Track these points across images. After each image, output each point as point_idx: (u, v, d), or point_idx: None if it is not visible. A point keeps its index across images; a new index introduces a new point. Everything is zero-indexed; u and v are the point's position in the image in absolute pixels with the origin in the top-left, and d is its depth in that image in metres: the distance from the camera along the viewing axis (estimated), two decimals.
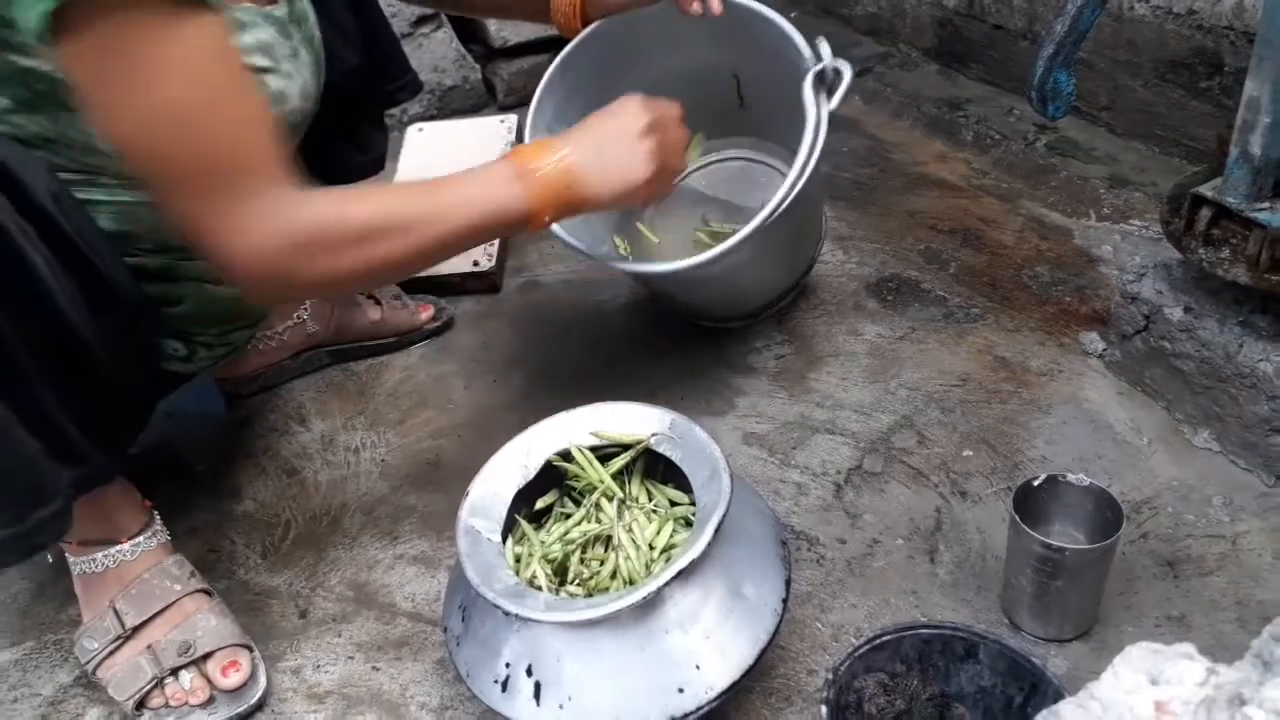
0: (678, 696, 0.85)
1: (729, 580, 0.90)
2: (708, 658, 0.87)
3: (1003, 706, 0.87)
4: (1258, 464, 1.12)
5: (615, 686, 0.86)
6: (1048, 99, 1.17)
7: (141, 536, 1.04)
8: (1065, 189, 1.67)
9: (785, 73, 1.20)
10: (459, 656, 0.94)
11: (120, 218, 0.95)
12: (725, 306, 1.42)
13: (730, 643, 0.88)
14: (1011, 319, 1.41)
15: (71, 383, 0.89)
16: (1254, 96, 1.01)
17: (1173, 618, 1.00)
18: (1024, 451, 1.20)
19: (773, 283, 1.38)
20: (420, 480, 1.27)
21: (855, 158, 1.86)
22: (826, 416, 1.29)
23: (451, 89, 2.22)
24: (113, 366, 0.92)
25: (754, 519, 0.98)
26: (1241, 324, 1.12)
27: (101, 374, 0.92)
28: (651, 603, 0.85)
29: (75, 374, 0.90)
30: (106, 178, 0.93)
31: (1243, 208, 1.06)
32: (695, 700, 0.85)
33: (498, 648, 0.91)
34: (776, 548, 0.96)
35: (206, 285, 1.05)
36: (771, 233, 1.16)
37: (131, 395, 1.01)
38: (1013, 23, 1.91)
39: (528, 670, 0.88)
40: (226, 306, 1.08)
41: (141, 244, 0.99)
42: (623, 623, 0.86)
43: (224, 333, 1.11)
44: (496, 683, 0.89)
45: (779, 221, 1.15)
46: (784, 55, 1.22)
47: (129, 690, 0.99)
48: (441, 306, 1.53)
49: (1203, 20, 1.56)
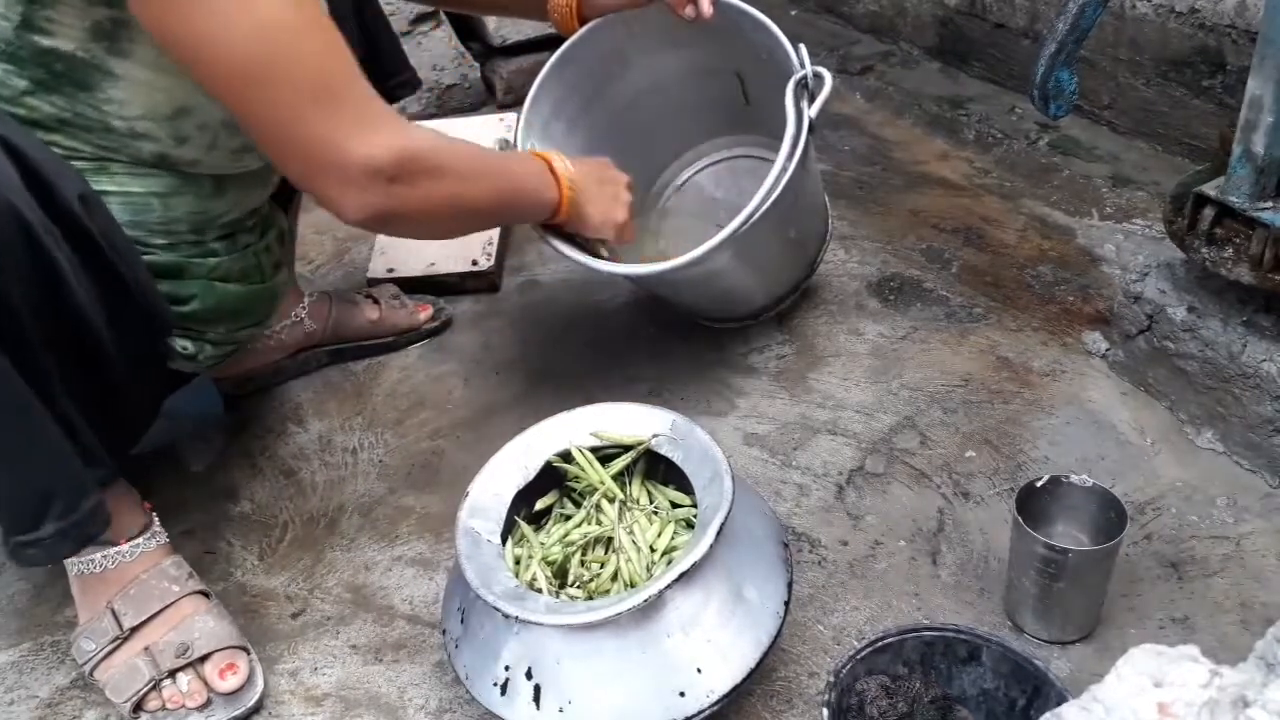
0: (679, 700, 0.85)
1: (731, 583, 0.89)
2: (709, 661, 0.86)
3: (1005, 709, 0.87)
4: (1262, 465, 1.12)
5: (616, 690, 0.86)
6: (1050, 98, 1.16)
7: (140, 537, 1.04)
8: (1067, 188, 1.67)
9: (783, 72, 1.20)
10: (458, 659, 0.93)
11: (131, 210, 0.96)
12: (721, 307, 1.41)
13: (732, 645, 0.87)
14: (1014, 319, 1.40)
15: (85, 382, 0.90)
16: (1256, 95, 1.00)
17: (1176, 619, 0.99)
18: (1027, 452, 1.19)
19: (766, 285, 1.38)
20: (418, 481, 1.27)
21: (856, 156, 1.86)
22: (828, 417, 1.28)
23: (450, 88, 2.21)
24: (126, 367, 0.93)
25: (756, 521, 0.97)
26: (1245, 324, 1.11)
27: (114, 374, 0.92)
28: (653, 606, 0.85)
29: (89, 374, 0.90)
30: (119, 164, 0.94)
31: (1246, 207, 1.05)
32: (697, 704, 0.85)
33: (497, 650, 0.90)
34: (778, 549, 0.95)
35: (215, 283, 1.06)
36: (754, 238, 1.16)
37: (140, 395, 1.01)
38: (1014, 21, 1.91)
39: (527, 673, 0.88)
40: (235, 304, 1.09)
41: (153, 240, 1.00)
42: (623, 626, 0.85)
43: (231, 330, 1.12)
44: (496, 685, 0.89)
45: (762, 227, 1.16)
46: (777, 56, 1.22)
47: (126, 692, 0.98)
48: (440, 306, 1.52)
49: (1205, 19, 1.56)
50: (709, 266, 1.17)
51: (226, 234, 1.09)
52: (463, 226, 1.13)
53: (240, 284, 1.10)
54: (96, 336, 0.89)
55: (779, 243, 1.31)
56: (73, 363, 0.88)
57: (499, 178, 1.07)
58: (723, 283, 1.29)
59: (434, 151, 0.96)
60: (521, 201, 1.11)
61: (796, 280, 1.42)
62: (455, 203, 1.00)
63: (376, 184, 0.90)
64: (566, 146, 1.30)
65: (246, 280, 1.11)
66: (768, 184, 1.14)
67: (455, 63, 2.20)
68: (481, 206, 1.05)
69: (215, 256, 1.06)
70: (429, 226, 1.03)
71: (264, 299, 1.16)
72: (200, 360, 1.09)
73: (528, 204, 1.12)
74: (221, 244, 1.08)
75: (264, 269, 1.14)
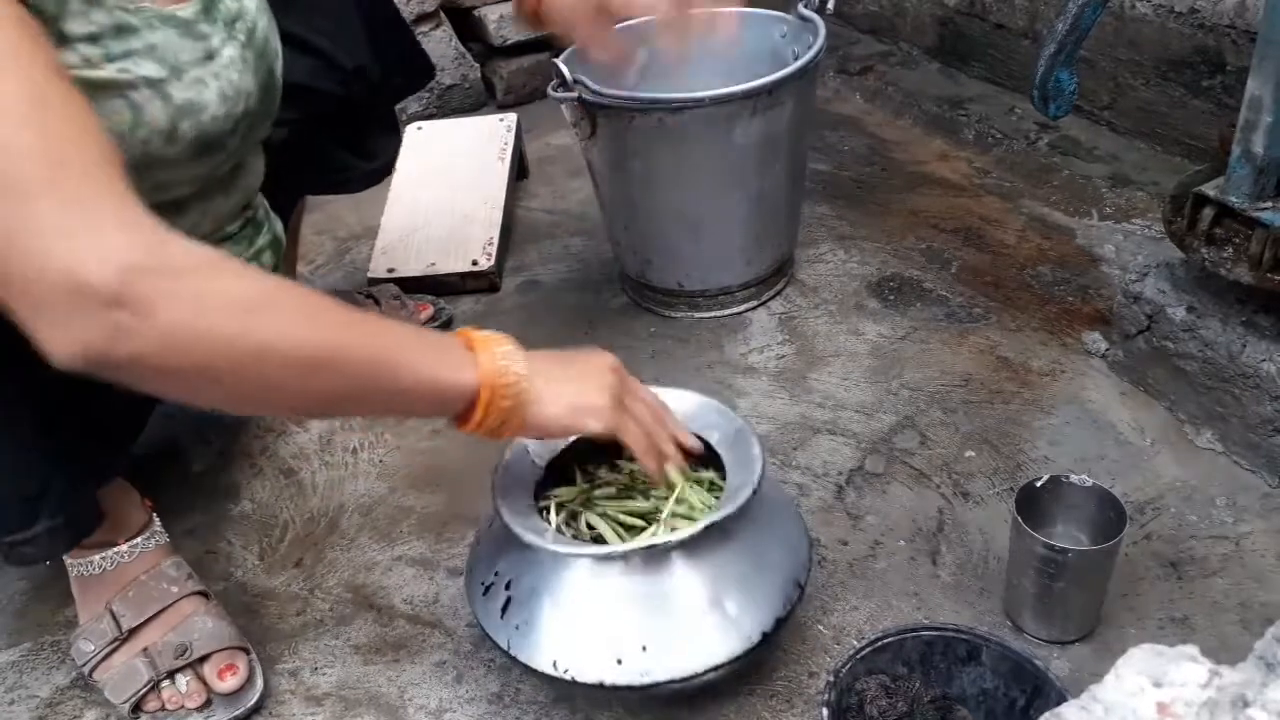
0: (613, 666, 0.85)
1: (712, 589, 0.88)
2: (656, 644, 0.86)
3: (1005, 709, 0.87)
4: (1261, 465, 1.12)
5: (566, 631, 0.87)
6: (1049, 98, 1.17)
7: (140, 538, 1.04)
8: (1067, 188, 1.67)
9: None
10: (471, 555, 0.98)
11: None
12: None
13: (684, 640, 0.86)
14: (1014, 319, 1.40)
15: (77, 383, 0.89)
16: (1256, 95, 1.00)
17: (1176, 619, 0.99)
18: (1026, 452, 1.19)
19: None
20: (418, 481, 1.27)
21: (856, 156, 1.86)
22: (828, 417, 1.28)
23: (451, 88, 2.21)
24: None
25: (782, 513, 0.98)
26: (1244, 324, 1.11)
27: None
28: (614, 562, 0.87)
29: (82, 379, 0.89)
30: None
31: (1245, 207, 1.05)
32: (626, 677, 0.85)
33: (496, 556, 0.93)
34: (785, 579, 0.92)
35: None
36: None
37: (133, 394, 1.00)
38: (1014, 21, 1.91)
39: (507, 584, 0.91)
40: None
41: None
42: (593, 572, 0.87)
43: None
44: (483, 585, 0.93)
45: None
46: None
47: (125, 693, 0.98)
48: (440, 306, 1.52)
49: (1204, 19, 1.56)
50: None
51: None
52: (264, 399, 0.73)
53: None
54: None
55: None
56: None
57: (341, 332, 0.71)
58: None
59: (201, 270, 0.66)
60: (394, 378, 0.74)
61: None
62: (235, 354, 0.66)
63: (86, 309, 0.61)
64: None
65: None
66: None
67: (455, 63, 2.21)
68: (296, 367, 0.69)
69: None
70: (197, 386, 0.68)
71: None
72: None
73: (408, 383, 0.75)
74: None
75: None
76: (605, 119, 1.31)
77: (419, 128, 1.92)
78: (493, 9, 2.20)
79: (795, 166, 1.42)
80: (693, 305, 1.48)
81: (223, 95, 0.91)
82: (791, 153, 1.38)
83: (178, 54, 0.86)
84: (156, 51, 0.84)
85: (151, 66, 0.84)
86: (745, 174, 1.35)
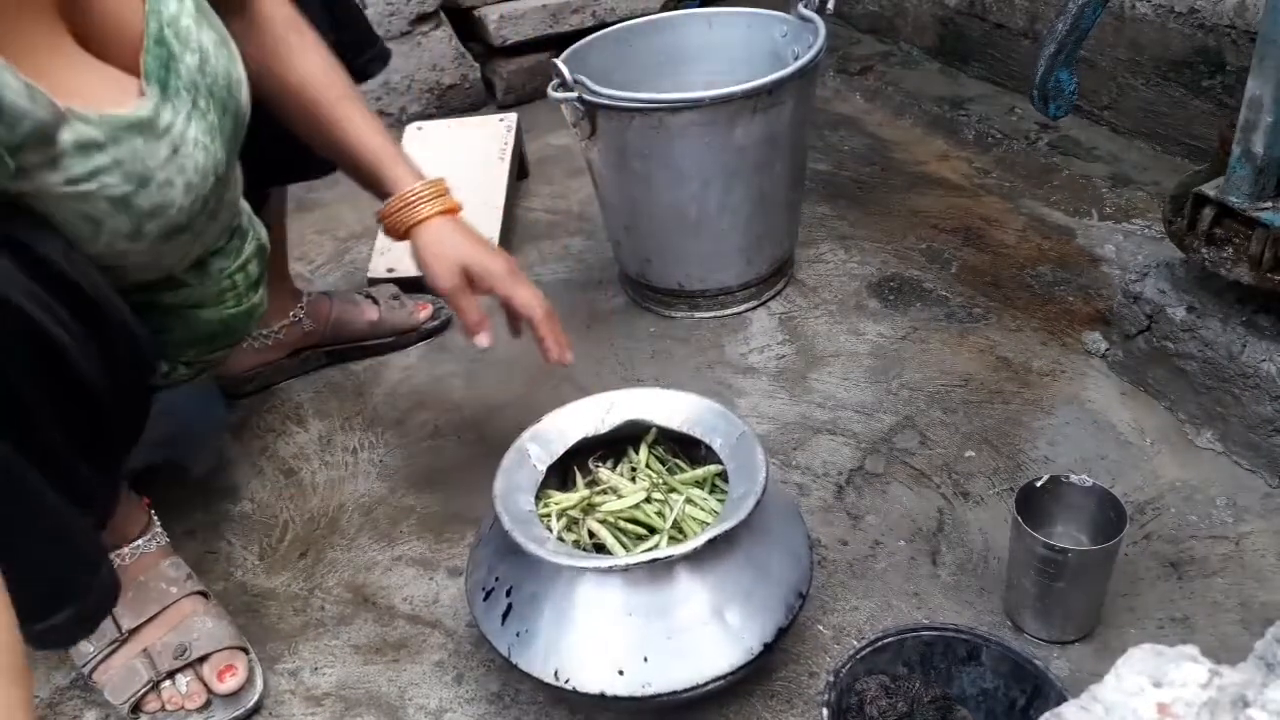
0: (616, 677, 0.85)
1: (713, 600, 0.88)
2: (659, 656, 0.86)
3: (1005, 709, 0.87)
4: (1261, 465, 1.12)
5: (566, 641, 0.87)
6: (1049, 98, 1.17)
7: (140, 539, 1.04)
8: (1067, 188, 1.67)
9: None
10: (471, 558, 0.98)
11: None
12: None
13: (687, 652, 0.86)
14: (1014, 319, 1.40)
15: (81, 430, 0.87)
16: (1256, 95, 1.00)
17: (1176, 619, 0.99)
18: (1026, 452, 1.19)
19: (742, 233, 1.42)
20: (419, 481, 1.27)
21: (856, 156, 1.86)
22: (828, 417, 1.28)
23: (450, 88, 2.21)
24: (113, 400, 0.90)
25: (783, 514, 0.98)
26: (1244, 324, 1.11)
27: (104, 411, 0.90)
28: (617, 576, 0.86)
29: (85, 422, 0.88)
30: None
31: (1245, 207, 1.05)
32: (628, 689, 0.85)
33: (497, 561, 0.93)
34: (786, 591, 0.92)
35: (188, 311, 1.01)
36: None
37: (127, 421, 0.99)
38: (1014, 21, 1.91)
39: (508, 591, 0.91)
40: (209, 330, 1.04)
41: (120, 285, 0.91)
42: (597, 584, 0.87)
43: (203, 353, 1.07)
44: (484, 590, 0.93)
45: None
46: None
47: (125, 694, 0.98)
48: (440, 306, 1.52)
49: (1204, 19, 1.56)
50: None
51: (195, 264, 1.02)
52: None
53: (214, 308, 1.04)
54: (93, 388, 0.86)
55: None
56: (71, 419, 0.86)
57: None
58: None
59: None
60: None
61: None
62: None
63: None
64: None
65: (221, 305, 1.05)
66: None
67: (455, 63, 2.21)
68: None
69: (186, 287, 1.00)
70: None
71: (240, 321, 1.09)
72: (172, 378, 1.05)
73: None
74: (191, 273, 1.01)
75: (239, 290, 1.07)
76: (605, 119, 1.32)
77: (419, 128, 1.92)
78: (493, 9, 2.20)
79: (795, 166, 1.42)
80: (693, 305, 1.48)
81: (188, 186, 0.88)
82: (791, 153, 1.38)
83: (145, 161, 0.82)
84: (124, 166, 0.80)
85: (117, 181, 0.80)
86: (745, 174, 1.35)
